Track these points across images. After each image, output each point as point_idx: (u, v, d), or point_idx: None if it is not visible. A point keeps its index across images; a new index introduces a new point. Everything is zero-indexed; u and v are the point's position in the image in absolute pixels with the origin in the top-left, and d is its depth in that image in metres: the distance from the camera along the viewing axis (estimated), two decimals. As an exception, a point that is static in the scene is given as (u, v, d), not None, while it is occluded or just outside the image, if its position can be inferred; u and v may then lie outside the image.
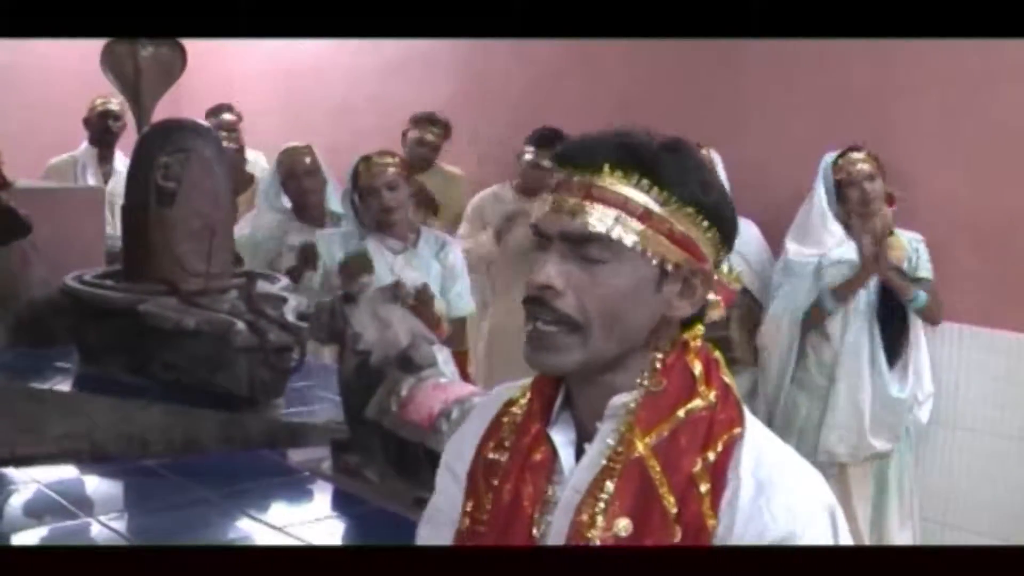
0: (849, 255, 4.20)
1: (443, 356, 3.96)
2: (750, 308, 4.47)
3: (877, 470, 4.31)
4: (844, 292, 4.19)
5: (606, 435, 1.29)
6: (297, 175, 4.71)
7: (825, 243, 4.24)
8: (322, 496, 2.76)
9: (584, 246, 1.28)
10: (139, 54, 4.18)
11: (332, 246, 4.09)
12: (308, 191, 4.72)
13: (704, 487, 1.25)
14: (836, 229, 4.21)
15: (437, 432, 2.47)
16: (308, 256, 4.21)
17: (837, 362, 4.22)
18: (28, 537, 2.48)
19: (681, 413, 1.28)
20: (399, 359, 2.64)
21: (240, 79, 7.35)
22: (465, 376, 4.49)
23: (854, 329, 4.19)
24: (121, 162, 5.62)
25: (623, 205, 1.28)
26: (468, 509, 1.36)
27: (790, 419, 4.33)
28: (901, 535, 4.29)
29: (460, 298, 4.08)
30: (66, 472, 2.90)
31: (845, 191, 4.18)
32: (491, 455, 1.37)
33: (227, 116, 6.15)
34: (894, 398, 4.22)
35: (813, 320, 4.25)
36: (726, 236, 1.33)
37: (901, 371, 4.27)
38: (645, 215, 1.28)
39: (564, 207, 1.29)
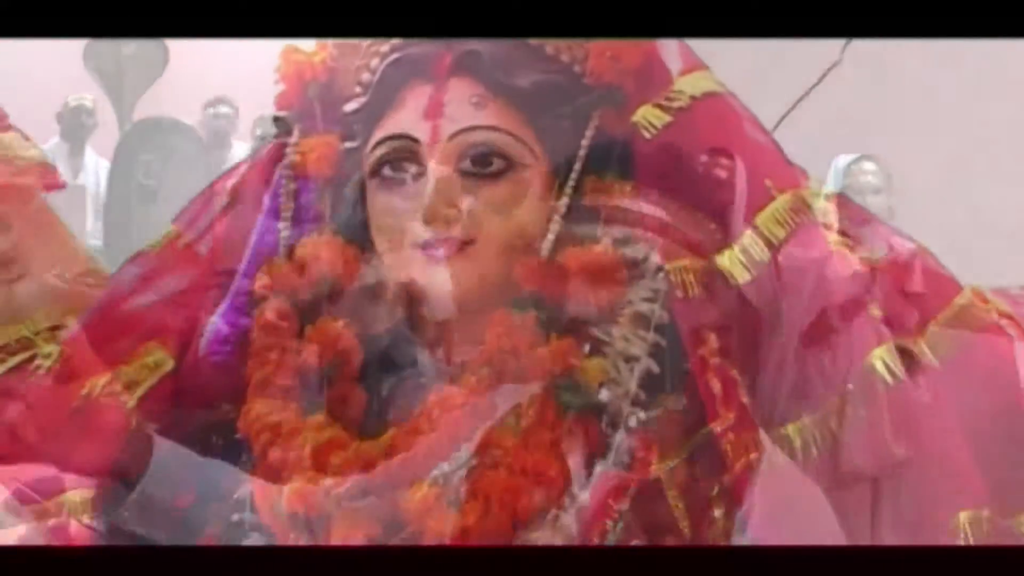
0: None
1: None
2: None
3: None
4: None
5: (622, 454, 1.27)
6: None
7: None
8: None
9: None
10: (121, 51, 4.17)
11: None
12: None
13: (719, 512, 1.24)
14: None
15: (421, 432, 2.45)
16: None
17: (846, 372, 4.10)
18: (5, 536, 2.45)
19: (700, 435, 1.27)
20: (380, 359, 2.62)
21: (224, 75, 7.32)
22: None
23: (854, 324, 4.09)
24: (91, 158, 5.53)
25: None
26: None
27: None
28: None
29: None
30: (44, 470, 2.87)
31: None
32: None
33: None
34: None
35: None
36: None
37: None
38: None
39: None
